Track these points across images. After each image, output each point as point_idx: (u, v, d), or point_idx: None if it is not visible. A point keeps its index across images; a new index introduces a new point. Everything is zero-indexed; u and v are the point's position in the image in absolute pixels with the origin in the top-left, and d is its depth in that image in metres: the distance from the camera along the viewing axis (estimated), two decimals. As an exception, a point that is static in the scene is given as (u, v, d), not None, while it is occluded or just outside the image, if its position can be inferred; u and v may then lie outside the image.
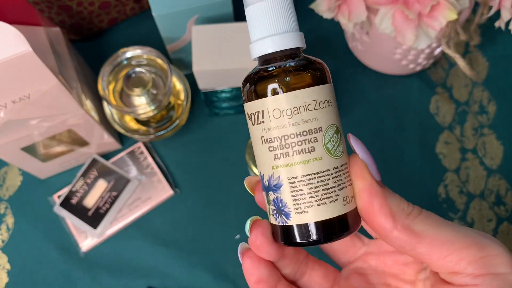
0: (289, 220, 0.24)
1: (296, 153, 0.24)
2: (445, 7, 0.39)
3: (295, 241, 0.24)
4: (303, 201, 0.24)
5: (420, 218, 0.23)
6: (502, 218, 0.51)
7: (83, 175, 0.51)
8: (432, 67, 0.56)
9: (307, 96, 0.24)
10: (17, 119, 0.39)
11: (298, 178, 0.24)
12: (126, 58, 0.48)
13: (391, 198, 0.23)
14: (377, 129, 0.54)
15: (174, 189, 0.51)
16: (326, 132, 0.24)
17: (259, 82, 0.24)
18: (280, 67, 0.24)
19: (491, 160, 0.52)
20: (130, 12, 0.57)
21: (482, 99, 0.55)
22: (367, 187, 0.23)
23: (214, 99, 0.50)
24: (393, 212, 0.23)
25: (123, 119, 0.50)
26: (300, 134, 0.24)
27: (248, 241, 0.25)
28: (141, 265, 0.49)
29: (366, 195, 0.23)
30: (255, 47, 0.25)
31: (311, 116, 0.24)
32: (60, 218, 0.51)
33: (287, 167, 0.24)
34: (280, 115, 0.24)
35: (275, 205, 0.24)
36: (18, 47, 0.33)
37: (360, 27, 0.50)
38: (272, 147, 0.24)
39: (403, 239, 0.23)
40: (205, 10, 0.45)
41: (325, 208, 0.24)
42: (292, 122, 0.23)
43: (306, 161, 0.24)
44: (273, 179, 0.24)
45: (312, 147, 0.24)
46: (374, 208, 0.23)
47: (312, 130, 0.24)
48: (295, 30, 0.25)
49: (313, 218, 0.24)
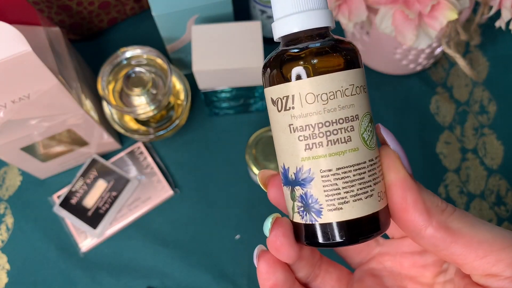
0: (319, 218, 0.22)
1: (331, 143, 0.21)
2: (446, 6, 0.39)
3: (326, 242, 0.22)
4: (337, 196, 0.21)
5: (455, 215, 0.22)
6: (502, 218, 0.50)
7: (83, 175, 0.51)
8: (433, 67, 0.56)
9: (344, 80, 0.21)
10: (16, 119, 0.39)
11: (332, 171, 0.21)
12: (126, 58, 0.48)
13: (425, 193, 0.22)
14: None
15: (174, 189, 0.51)
16: (362, 121, 0.22)
17: (288, 63, 0.22)
18: (314, 47, 0.22)
19: (491, 160, 0.52)
20: (130, 12, 0.57)
21: (483, 99, 0.55)
22: (400, 180, 0.22)
23: (214, 99, 0.50)
24: (428, 208, 0.22)
25: (123, 119, 0.50)
26: (336, 122, 0.21)
27: (267, 241, 0.23)
28: (141, 265, 0.49)
29: (399, 189, 0.22)
30: (280, 25, 0.23)
31: (348, 102, 0.21)
32: (59, 218, 0.51)
33: (319, 158, 0.21)
34: (314, 100, 0.21)
35: (303, 201, 0.22)
36: (18, 47, 0.33)
37: (360, 27, 0.50)
38: (302, 136, 0.22)
39: (438, 236, 0.21)
40: (205, 10, 0.45)
41: (360, 205, 0.21)
42: (327, 108, 0.21)
43: (342, 152, 0.21)
44: (302, 172, 0.22)
45: (349, 137, 0.21)
46: (408, 203, 0.22)
47: (349, 118, 0.21)
48: (325, 7, 0.23)
49: (349, 215, 0.21)
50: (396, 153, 0.23)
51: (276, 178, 0.24)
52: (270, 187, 0.25)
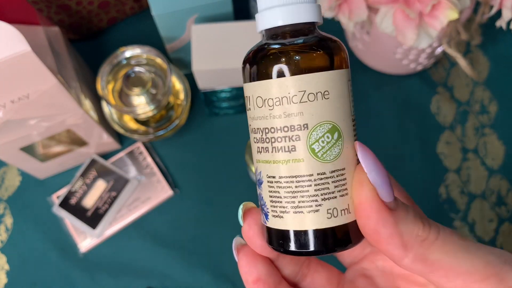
0: (267, 221, 0.21)
1: (275, 150, 0.20)
2: (446, 6, 0.39)
3: (272, 246, 0.22)
4: (279, 204, 0.21)
5: (436, 244, 0.20)
6: (503, 218, 0.50)
7: (82, 175, 0.51)
8: (433, 67, 0.56)
9: (293, 86, 0.20)
10: (16, 119, 0.39)
11: (275, 178, 0.21)
12: (125, 58, 0.48)
13: (403, 224, 0.20)
14: (377, 129, 0.53)
15: (173, 189, 0.51)
16: (313, 130, 0.20)
17: (250, 63, 0.21)
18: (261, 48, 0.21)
19: (492, 160, 0.52)
20: (129, 11, 0.57)
21: (483, 99, 0.54)
22: (373, 214, 0.20)
23: (214, 99, 0.50)
24: (404, 241, 0.20)
25: (122, 119, 0.50)
26: (281, 129, 0.20)
27: (241, 231, 0.23)
28: (141, 266, 0.49)
29: (372, 222, 0.20)
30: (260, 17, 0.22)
31: (295, 109, 0.20)
32: (59, 219, 0.51)
33: (266, 163, 0.21)
34: (262, 104, 0.20)
35: (260, 201, 0.22)
36: (17, 47, 0.33)
37: (360, 26, 0.49)
38: (255, 139, 0.21)
39: (414, 268, 0.20)
40: (204, 9, 0.45)
41: (301, 217, 0.20)
42: (273, 114, 0.20)
43: (285, 161, 0.20)
44: (257, 173, 0.22)
45: (293, 146, 0.20)
46: (382, 237, 0.20)
47: (295, 127, 0.20)
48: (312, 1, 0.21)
49: (288, 225, 0.21)
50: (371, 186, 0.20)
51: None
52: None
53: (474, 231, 0.50)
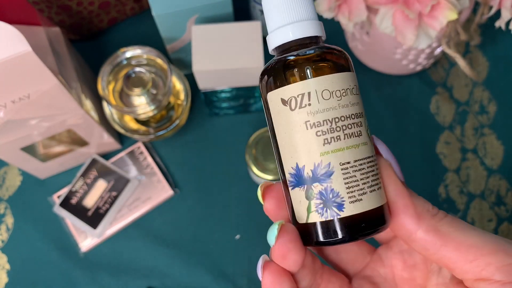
0: (342, 211, 0.22)
1: (347, 136, 0.22)
2: (446, 6, 0.39)
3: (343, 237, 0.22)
4: (357, 188, 0.22)
5: (446, 220, 0.22)
6: (502, 218, 0.50)
7: (83, 175, 0.51)
8: (433, 67, 0.56)
9: (351, 80, 0.23)
10: (16, 119, 0.39)
11: (350, 163, 0.22)
12: (126, 58, 0.48)
13: (416, 199, 0.23)
14: (377, 129, 0.53)
15: (174, 189, 0.51)
16: (365, 118, 0.24)
17: (302, 63, 0.23)
18: (323, 51, 0.23)
19: (491, 160, 0.52)
20: (130, 12, 0.57)
21: (483, 99, 0.55)
22: (391, 185, 0.23)
23: (214, 99, 0.50)
24: (418, 212, 0.22)
25: (123, 119, 0.50)
26: (350, 117, 0.23)
27: (273, 249, 0.22)
28: (141, 265, 0.49)
29: (391, 193, 0.23)
30: (278, 34, 0.24)
31: (356, 100, 0.23)
32: (59, 218, 0.51)
33: (339, 151, 0.22)
34: (330, 96, 0.22)
35: (323, 197, 0.22)
36: (18, 47, 0.33)
37: (360, 27, 0.50)
38: (320, 131, 0.22)
39: (428, 240, 0.22)
40: (205, 10, 0.45)
41: (375, 195, 0.23)
42: (341, 104, 0.22)
43: (357, 145, 0.23)
44: (322, 167, 0.22)
45: (360, 131, 0.23)
46: (399, 207, 0.22)
47: (358, 114, 0.23)
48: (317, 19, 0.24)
49: (368, 205, 0.22)
50: (388, 162, 0.24)
51: (273, 188, 0.24)
52: (266, 199, 0.24)
53: (474, 230, 0.50)
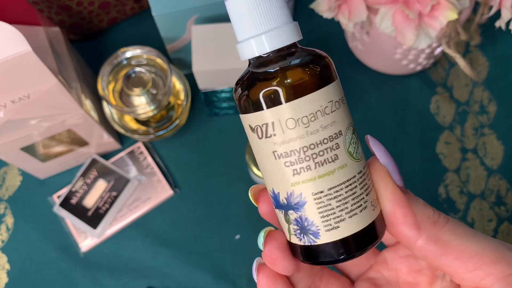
0: (318, 239, 0.21)
1: (318, 164, 0.21)
2: (446, 6, 0.39)
3: (326, 260, 0.22)
4: (333, 216, 0.21)
5: (447, 227, 0.22)
6: (502, 218, 0.50)
7: (83, 175, 0.51)
8: (433, 67, 0.56)
9: (323, 99, 0.21)
10: (16, 119, 0.39)
11: (324, 192, 0.21)
12: (126, 58, 0.48)
13: (416, 205, 0.22)
14: (377, 129, 0.53)
15: (174, 189, 0.51)
16: (346, 135, 0.21)
17: (261, 89, 0.21)
18: (286, 69, 0.21)
19: (491, 160, 0.52)
20: (129, 12, 0.57)
21: (483, 99, 0.55)
22: (389, 195, 0.22)
23: (214, 99, 0.50)
24: (418, 221, 0.21)
25: (123, 119, 0.50)
26: (321, 143, 0.21)
27: (262, 255, 0.23)
28: (141, 265, 0.49)
29: (389, 204, 0.22)
30: (245, 48, 0.22)
31: (330, 120, 0.21)
32: (59, 218, 0.51)
33: (310, 181, 0.21)
34: (295, 125, 0.20)
35: (299, 224, 0.22)
36: (18, 47, 0.33)
37: (360, 26, 0.50)
38: (289, 162, 0.21)
39: (428, 249, 0.21)
40: (205, 9, 0.45)
41: (356, 219, 0.21)
42: (310, 130, 0.20)
43: (331, 171, 0.21)
44: (294, 197, 0.21)
45: (335, 155, 0.21)
46: (398, 217, 0.22)
47: (333, 136, 0.21)
48: (289, 22, 0.21)
49: (346, 232, 0.21)
50: (384, 168, 0.22)
51: (266, 193, 0.24)
52: (260, 202, 0.24)
53: (474, 231, 0.50)
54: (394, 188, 0.22)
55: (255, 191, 0.25)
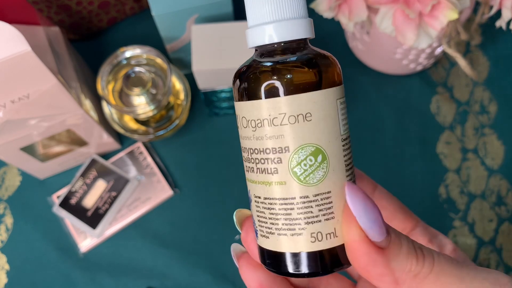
0: (257, 238, 0.22)
1: (259, 171, 0.20)
2: (446, 6, 0.39)
3: (262, 262, 0.22)
4: (265, 225, 0.21)
5: (429, 278, 0.19)
6: (503, 218, 0.50)
7: (83, 175, 0.51)
8: (433, 67, 0.56)
9: (273, 108, 0.19)
10: (16, 119, 0.39)
11: (260, 198, 0.20)
12: (126, 58, 0.48)
13: (395, 260, 0.19)
14: (377, 129, 0.53)
15: (173, 189, 0.51)
16: (294, 153, 0.19)
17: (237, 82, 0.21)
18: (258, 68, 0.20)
19: (492, 160, 0.52)
20: (129, 11, 0.57)
21: (483, 99, 0.55)
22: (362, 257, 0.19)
23: (214, 99, 0.50)
24: (396, 277, 0.19)
25: (123, 119, 0.50)
26: (263, 151, 0.20)
27: (241, 239, 0.23)
28: (141, 266, 0.49)
29: (361, 263, 0.19)
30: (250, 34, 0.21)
31: (277, 132, 0.19)
32: (59, 219, 0.51)
33: (252, 183, 0.21)
34: (246, 124, 0.20)
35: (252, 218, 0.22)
36: (17, 47, 0.33)
37: (360, 26, 0.49)
38: (244, 157, 0.21)
39: None
40: (204, 9, 0.45)
41: (285, 240, 0.20)
42: (255, 135, 0.20)
43: (268, 182, 0.20)
44: (248, 191, 0.22)
45: (275, 169, 0.20)
46: (372, 276, 0.19)
47: (276, 149, 0.19)
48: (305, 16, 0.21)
49: (272, 246, 0.20)
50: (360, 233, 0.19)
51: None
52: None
53: (474, 231, 0.50)
54: (368, 250, 0.19)
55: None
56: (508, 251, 0.50)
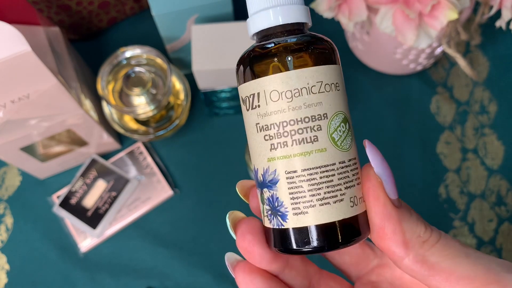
0: (285, 222, 0.21)
1: (296, 142, 0.20)
2: (446, 6, 0.39)
3: (293, 248, 0.21)
4: (303, 199, 0.20)
5: (437, 247, 0.20)
6: (503, 218, 0.50)
7: (83, 175, 0.51)
8: (433, 67, 0.56)
9: (311, 77, 0.20)
10: (16, 119, 0.39)
11: (297, 172, 0.20)
12: (126, 58, 0.48)
13: (407, 222, 0.20)
14: (377, 129, 0.53)
15: (173, 189, 0.51)
16: (331, 120, 0.20)
17: (255, 60, 0.21)
18: (280, 43, 0.21)
19: (491, 160, 0.52)
20: (129, 11, 0.57)
21: (483, 99, 0.55)
22: (379, 208, 0.20)
23: (214, 99, 0.50)
24: (406, 239, 0.20)
25: (123, 119, 0.50)
26: (301, 121, 0.20)
27: (236, 244, 0.22)
28: (141, 266, 0.49)
29: (378, 217, 0.21)
30: (252, 22, 0.22)
31: (315, 100, 0.20)
32: (59, 219, 0.51)
33: (284, 159, 0.20)
34: (278, 97, 0.20)
35: (270, 204, 0.21)
36: (17, 47, 0.33)
37: (360, 26, 0.49)
38: (268, 136, 0.21)
39: (414, 269, 0.20)
40: (204, 9, 0.45)
41: (328, 209, 0.20)
42: (292, 106, 0.20)
43: (307, 152, 0.20)
44: (269, 174, 0.21)
45: (315, 136, 0.20)
46: (386, 233, 0.20)
47: (316, 117, 0.20)
48: (300, 3, 0.22)
49: (314, 220, 0.20)
50: (378, 178, 0.21)
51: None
52: (251, 197, 0.23)
53: (474, 231, 0.50)
54: (385, 201, 0.21)
55: (243, 186, 0.24)
56: (508, 251, 0.50)
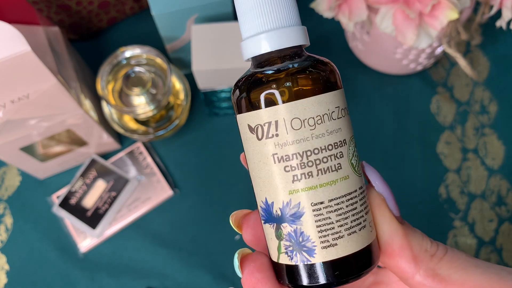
0: (313, 257, 0.19)
1: (321, 172, 0.19)
2: (446, 6, 0.39)
3: (318, 284, 0.20)
4: (331, 231, 0.19)
5: (445, 260, 0.20)
6: (503, 218, 0.50)
7: (82, 175, 0.51)
8: (433, 67, 0.56)
9: (330, 102, 0.20)
10: (16, 119, 0.39)
11: (324, 203, 0.19)
12: (125, 58, 0.48)
13: (413, 237, 0.21)
14: (377, 129, 0.53)
15: (173, 189, 0.51)
16: (349, 145, 0.20)
17: (268, 85, 0.19)
18: (295, 68, 0.20)
19: (492, 160, 0.52)
20: (129, 11, 0.57)
21: (483, 99, 0.54)
22: (386, 223, 0.21)
23: (214, 99, 0.50)
24: (414, 254, 0.20)
25: (122, 119, 0.50)
26: (326, 149, 0.19)
27: (242, 282, 0.21)
28: (141, 266, 0.49)
29: (385, 234, 0.21)
30: (250, 45, 0.21)
31: (336, 126, 0.20)
32: (59, 219, 0.51)
33: (310, 190, 0.19)
34: (300, 125, 0.19)
35: (293, 239, 0.20)
36: (17, 47, 0.33)
37: (360, 26, 0.49)
38: (289, 167, 0.19)
39: (426, 284, 0.20)
40: (204, 9, 0.45)
41: (356, 238, 0.20)
42: (315, 134, 0.19)
43: (333, 181, 0.19)
44: (290, 207, 0.20)
45: (339, 164, 0.20)
46: (394, 249, 0.20)
47: (338, 143, 0.20)
48: (298, 24, 0.21)
49: (344, 251, 0.19)
50: (380, 195, 0.21)
51: (250, 217, 0.23)
52: (245, 228, 0.23)
53: (474, 231, 0.50)
54: (390, 217, 0.21)
55: (237, 217, 0.23)
56: (508, 251, 0.49)
